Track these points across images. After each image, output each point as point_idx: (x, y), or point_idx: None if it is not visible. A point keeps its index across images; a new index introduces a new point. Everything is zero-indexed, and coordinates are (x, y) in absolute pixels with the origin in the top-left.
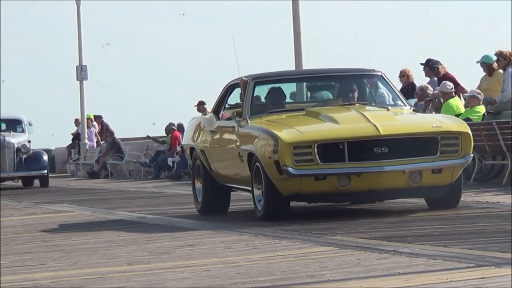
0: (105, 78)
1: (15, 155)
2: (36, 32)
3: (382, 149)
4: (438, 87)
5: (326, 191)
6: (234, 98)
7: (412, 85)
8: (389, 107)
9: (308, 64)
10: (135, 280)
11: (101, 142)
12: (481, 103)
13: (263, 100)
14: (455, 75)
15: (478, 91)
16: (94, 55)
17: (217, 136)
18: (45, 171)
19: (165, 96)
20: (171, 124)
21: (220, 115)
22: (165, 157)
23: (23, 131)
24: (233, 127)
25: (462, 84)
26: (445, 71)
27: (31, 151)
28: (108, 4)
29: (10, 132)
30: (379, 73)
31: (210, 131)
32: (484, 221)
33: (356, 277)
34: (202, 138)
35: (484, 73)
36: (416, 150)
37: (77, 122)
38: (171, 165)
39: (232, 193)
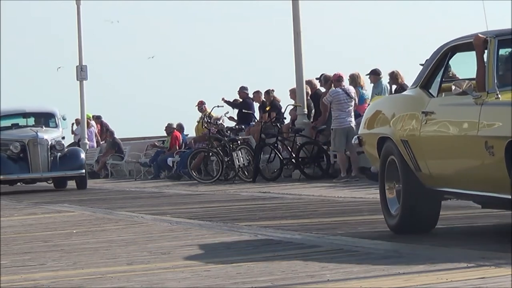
0: (105, 78)
1: (49, 153)
2: (36, 32)
3: None
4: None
5: None
6: None
7: (403, 86)
8: None
9: (308, 64)
10: (135, 280)
11: (101, 142)
12: None
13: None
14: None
15: None
16: (94, 55)
17: (436, 119)
18: (83, 170)
19: (165, 96)
20: (170, 125)
21: (436, 91)
22: (165, 157)
23: (56, 126)
24: (470, 105)
25: None
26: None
27: (66, 149)
28: (108, 4)
29: (42, 127)
30: None
31: (422, 112)
32: (484, 221)
33: (356, 277)
34: (403, 125)
35: None
36: None
37: (77, 122)
38: (171, 165)
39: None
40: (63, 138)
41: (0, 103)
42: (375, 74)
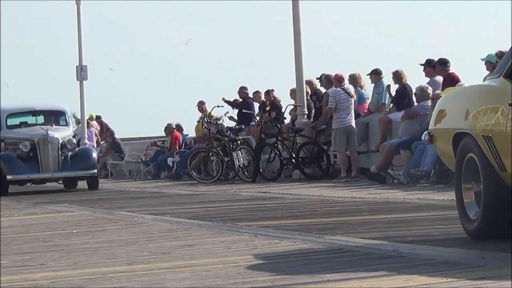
0: (105, 78)
1: (60, 152)
2: (36, 32)
3: None
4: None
5: None
6: None
7: (405, 86)
8: None
9: (308, 64)
10: (135, 280)
11: (101, 142)
12: None
13: None
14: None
15: None
16: (94, 55)
17: None
18: (95, 170)
19: (165, 96)
20: (170, 125)
21: None
22: (165, 157)
23: (67, 124)
24: None
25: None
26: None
27: (77, 148)
28: (108, 4)
29: (52, 125)
30: None
31: (509, 104)
32: None
33: (356, 277)
34: (485, 119)
35: (488, 72)
36: None
37: (77, 122)
38: (171, 165)
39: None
40: (74, 136)
41: (0, 103)
42: (376, 74)
